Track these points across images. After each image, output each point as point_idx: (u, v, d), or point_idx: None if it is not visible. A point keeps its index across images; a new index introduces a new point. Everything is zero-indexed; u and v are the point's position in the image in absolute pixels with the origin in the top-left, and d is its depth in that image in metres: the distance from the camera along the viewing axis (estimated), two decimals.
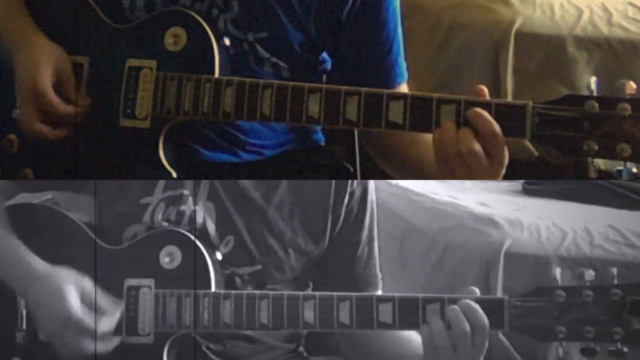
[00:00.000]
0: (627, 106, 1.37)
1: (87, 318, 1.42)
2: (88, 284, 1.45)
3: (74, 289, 1.44)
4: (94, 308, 1.44)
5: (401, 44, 1.71)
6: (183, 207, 1.53)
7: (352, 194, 1.61)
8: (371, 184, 1.64)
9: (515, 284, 2.37)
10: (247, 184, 1.56)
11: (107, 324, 1.44)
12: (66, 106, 1.61)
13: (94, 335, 1.42)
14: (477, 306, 1.39)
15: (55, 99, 1.60)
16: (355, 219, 1.62)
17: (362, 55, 1.69)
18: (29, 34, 1.65)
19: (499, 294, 2.35)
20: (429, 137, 1.48)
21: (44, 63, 1.60)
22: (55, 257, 1.48)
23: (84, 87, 1.65)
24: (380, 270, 1.66)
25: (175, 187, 1.54)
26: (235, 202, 1.55)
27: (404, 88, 1.72)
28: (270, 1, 1.63)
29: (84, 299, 1.43)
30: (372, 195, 1.64)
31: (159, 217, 1.53)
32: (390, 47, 1.70)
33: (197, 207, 1.53)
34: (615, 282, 1.37)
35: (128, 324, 1.47)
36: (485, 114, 1.41)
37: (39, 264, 1.46)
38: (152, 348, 1.46)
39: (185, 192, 1.54)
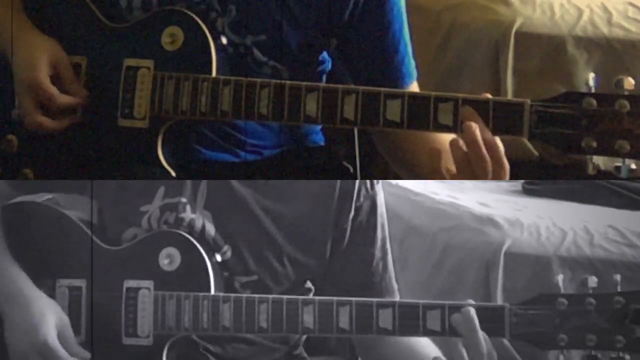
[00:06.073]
0: (626, 103, 1.36)
1: (60, 351, 1.42)
2: (67, 321, 1.45)
3: (53, 320, 1.44)
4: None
5: (408, 43, 1.71)
6: (182, 215, 1.53)
7: (359, 208, 1.59)
8: (380, 196, 1.62)
9: (515, 285, 2.37)
10: (245, 192, 1.55)
11: None
12: (65, 97, 1.61)
13: None
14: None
15: (53, 90, 1.60)
16: (366, 234, 1.60)
17: (369, 56, 1.69)
18: (24, 30, 1.65)
19: (499, 294, 2.35)
20: (439, 136, 1.48)
21: (39, 57, 1.60)
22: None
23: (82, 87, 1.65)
24: (396, 275, 1.65)
25: (173, 194, 1.54)
26: (232, 211, 1.54)
27: (414, 87, 1.72)
28: (269, 4, 1.63)
29: (60, 334, 1.44)
30: (381, 208, 1.63)
31: (156, 223, 1.52)
32: (397, 48, 1.69)
33: (195, 215, 1.53)
34: (619, 289, 1.37)
35: (127, 325, 1.47)
36: (475, 126, 1.42)
37: (25, 286, 1.47)
38: (151, 350, 1.46)
39: (183, 199, 1.53)
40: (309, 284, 1.62)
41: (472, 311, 1.39)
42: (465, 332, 1.39)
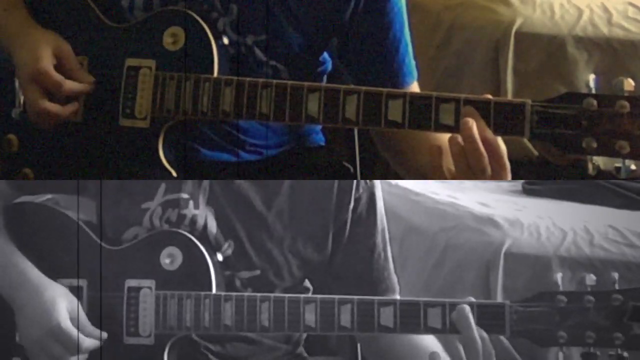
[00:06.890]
0: (626, 103, 1.37)
1: (74, 334, 1.43)
2: (79, 305, 1.46)
3: (65, 304, 1.44)
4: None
5: (409, 43, 1.71)
6: (184, 211, 1.53)
7: (358, 199, 1.59)
8: (378, 188, 1.62)
9: (515, 285, 2.37)
10: (247, 187, 1.56)
11: (89, 343, 1.44)
12: (71, 82, 1.61)
13: (76, 350, 1.43)
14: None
15: (58, 77, 1.59)
16: (366, 225, 1.60)
17: (369, 56, 1.69)
18: (25, 26, 1.65)
19: (499, 294, 2.35)
20: (439, 135, 1.49)
21: (42, 46, 1.60)
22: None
23: None
24: (396, 272, 1.65)
25: (175, 191, 1.54)
26: (235, 206, 1.54)
27: (414, 87, 1.72)
28: (270, 4, 1.64)
29: (72, 317, 1.44)
30: (380, 200, 1.63)
31: (158, 221, 1.52)
32: (397, 48, 1.70)
33: (197, 212, 1.53)
34: (617, 287, 1.37)
35: (129, 325, 1.47)
36: (472, 121, 1.42)
37: (34, 274, 1.47)
38: (152, 349, 1.46)
39: (185, 196, 1.54)
40: (307, 283, 1.62)
41: (467, 309, 1.39)
42: (461, 329, 1.39)
